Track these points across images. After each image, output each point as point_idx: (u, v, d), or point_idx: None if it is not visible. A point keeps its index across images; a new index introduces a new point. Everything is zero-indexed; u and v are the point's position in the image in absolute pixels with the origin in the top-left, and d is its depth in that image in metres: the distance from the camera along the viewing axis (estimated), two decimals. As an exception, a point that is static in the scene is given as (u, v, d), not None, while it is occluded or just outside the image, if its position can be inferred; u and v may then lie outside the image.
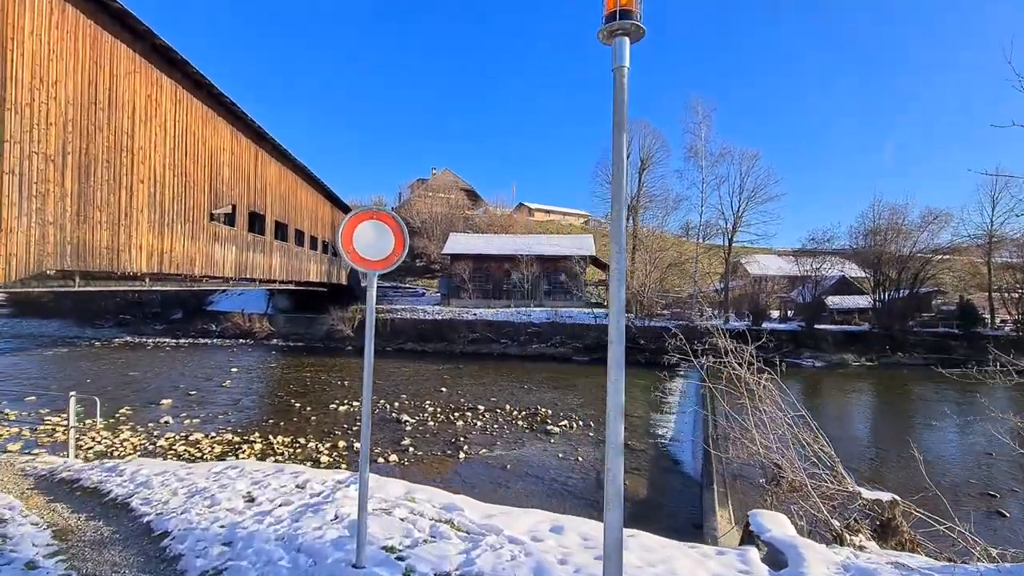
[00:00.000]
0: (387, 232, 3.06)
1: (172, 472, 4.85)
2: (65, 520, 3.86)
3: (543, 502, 8.62)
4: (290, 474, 4.66)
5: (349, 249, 3.00)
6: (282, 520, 3.56)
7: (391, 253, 3.10)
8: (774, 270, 40.00)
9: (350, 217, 3.03)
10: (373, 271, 3.09)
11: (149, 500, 4.15)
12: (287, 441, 11.53)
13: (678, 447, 12.01)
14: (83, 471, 5.10)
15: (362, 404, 2.89)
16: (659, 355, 28.49)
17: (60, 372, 20.45)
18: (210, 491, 4.24)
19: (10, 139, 7.72)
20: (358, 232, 3.01)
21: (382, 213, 3.09)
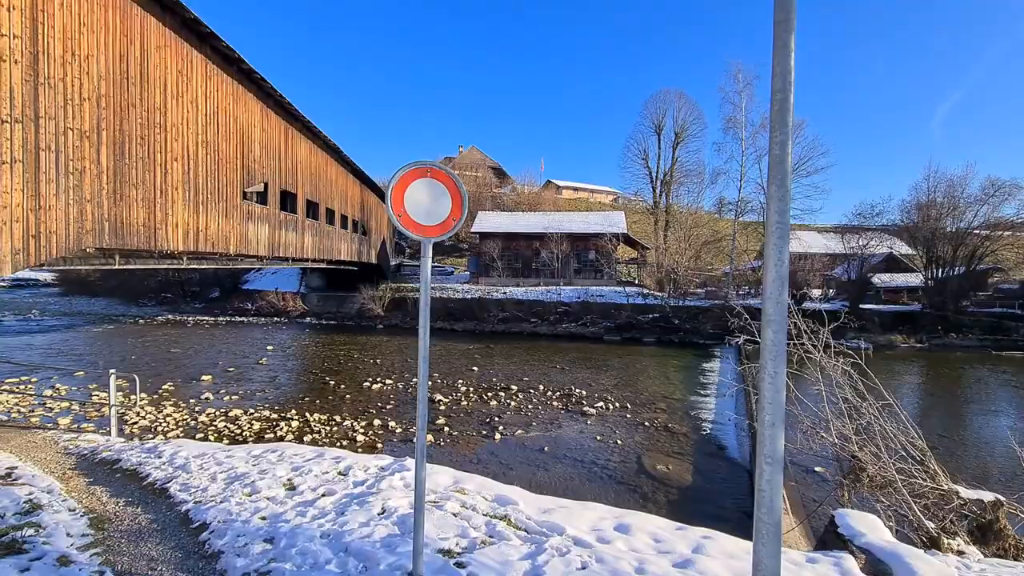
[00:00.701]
0: (443, 192, 2.65)
1: (211, 455, 4.73)
2: (103, 505, 3.75)
3: (584, 486, 8.35)
4: (331, 459, 4.46)
5: (400, 212, 2.60)
6: (326, 513, 3.33)
7: (448, 217, 2.69)
8: (815, 247, 38.27)
9: (401, 174, 2.60)
10: (428, 238, 2.70)
11: (188, 486, 4.01)
12: (323, 419, 11.55)
13: (721, 430, 11.54)
14: (123, 451, 5.04)
15: (418, 402, 2.57)
16: (694, 334, 27.67)
17: (107, 348, 21.20)
18: (250, 477, 4.08)
19: (45, 115, 7.64)
20: (411, 193, 2.60)
21: (437, 170, 2.66)
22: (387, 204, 2.53)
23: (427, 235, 2.70)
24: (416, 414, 2.67)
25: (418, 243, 40.67)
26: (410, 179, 2.62)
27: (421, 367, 2.57)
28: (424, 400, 2.56)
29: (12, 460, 4.58)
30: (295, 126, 18.03)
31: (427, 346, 2.53)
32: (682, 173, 39.75)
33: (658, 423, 11.85)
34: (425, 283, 2.55)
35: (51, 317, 31.10)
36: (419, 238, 2.69)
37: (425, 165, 2.63)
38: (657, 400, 14.12)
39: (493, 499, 3.66)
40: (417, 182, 2.62)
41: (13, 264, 7.14)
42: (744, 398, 13.88)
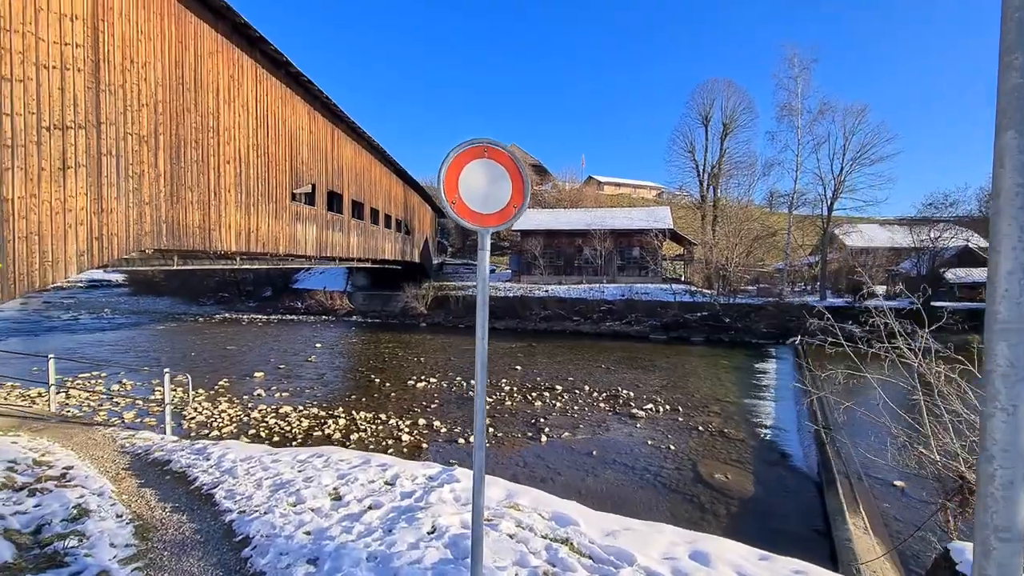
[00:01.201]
0: (502, 175, 2.33)
1: (258, 459, 4.68)
2: (150, 511, 3.73)
3: (637, 494, 7.92)
4: (377, 467, 4.29)
5: (453, 199, 2.30)
6: (373, 530, 3.13)
7: (508, 204, 2.36)
8: (878, 241, 35.79)
9: (454, 155, 2.29)
10: (485, 228, 2.36)
11: (233, 493, 3.94)
12: (369, 417, 11.60)
13: (783, 437, 10.79)
14: (174, 452, 5.09)
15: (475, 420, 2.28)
16: (746, 334, 26.38)
17: (169, 345, 22.34)
18: (295, 485, 3.95)
19: (106, 120, 7.92)
20: (466, 176, 2.29)
21: (496, 148, 2.33)
22: (439, 190, 2.28)
23: (485, 224, 2.39)
24: (472, 423, 2.40)
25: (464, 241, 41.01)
26: (465, 160, 2.31)
27: (479, 377, 2.28)
28: (482, 415, 2.27)
29: (72, 458, 4.70)
30: (340, 127, 18.32)
31: (485, 351, 2.25)
32: (731, 165, 38.10)
33: (712, 428, 11.22)
34: (483, 281, 2.26)
35: (121, 316, 33.21)
36: (475, 228, 2.39)
37: (482, 143, 2.33)
38: (710, 403, 13.43)
39: (551, 517, 3.37)
40: (473, 164, 2.32)
41: (78, 265, 7.43)
42: (807, 402, 13.00)
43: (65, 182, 7.22)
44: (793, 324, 25.16)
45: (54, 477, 4.02)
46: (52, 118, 7.00)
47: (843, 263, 31.85)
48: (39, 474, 4.06)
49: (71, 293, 52.26)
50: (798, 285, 32.20)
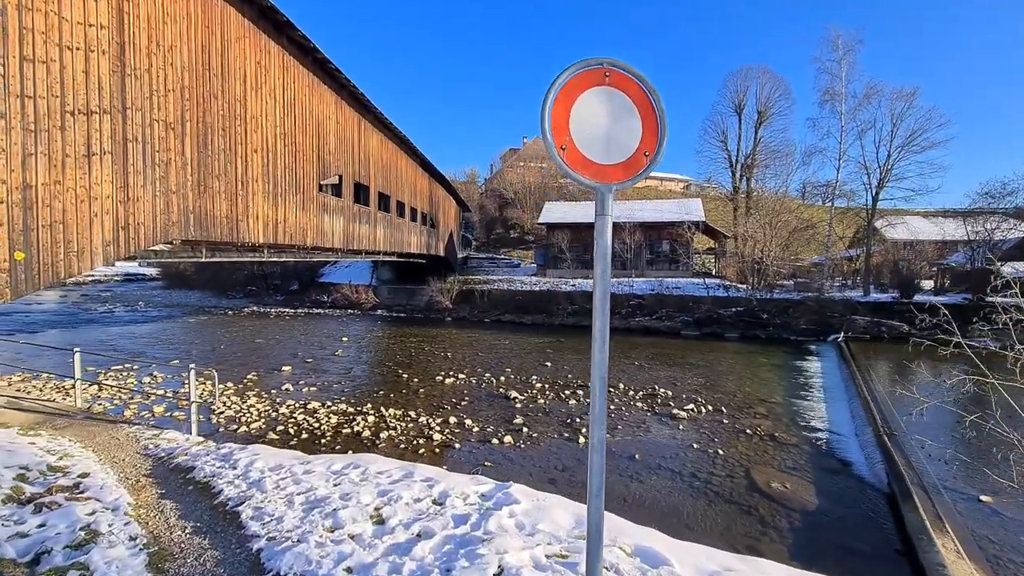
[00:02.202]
0: (629, 110, 1.71)
1: (288, 468, 4.27)
2: (168, 531, 3.35)
3: (689, 504, 7.32)
4: (421, 482, 3.83)
5: (563, 142, 1.69)
6: (427, 570, 2.64)
7: (637, 151, 1.74)
8: (924, 234, 33.98)
9: (564, 81, 1.65)
10: (607, 184, 1.76)
11: (261, 512, 3.52)
12: (398, 414, 11.24)
13: (841, 442, 10.00)
14: (199, 456, 4.74)
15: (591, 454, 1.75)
16: (784, 330, 25.17)
17: (199, 338, 22.52)
18: (331, 502, 3.52)
19: (132, 106, 7.65)
20: (580, 110, 1.67)
21: (620, 73, 1.70)
22: (543, 129, 1.68)
23: (606, 179, 1.76)
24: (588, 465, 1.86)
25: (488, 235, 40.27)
26: (578, 88, 1.68)
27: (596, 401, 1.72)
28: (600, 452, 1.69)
29: (90, 463, 4.39)
30: (367, 118, 18.01)
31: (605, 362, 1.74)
32: (766, 155, 36.63)
33: (761, 431, 10.49)
34: (604, 262, 1.70)
35: (154, 308, 33.88)
36: (593, 185, 1.77)
37: (601, 64, 1.71)
38: (754, 403, 12.66)
39: (635, 553, 2.85)
40: (590, 94, 1.69)
41: (104, 255, 7.19)
42: (861, 404, 12.13)
43: (90, 169, 6.97)
44: (835, 320, 23.97)
45: (66, 488, 3.69)
46: (76, 102, 6.73)
47: (885, 256, 30.27)
48: (51, 484, 3.74)
49: (108, 287, 53.94)
50: (837, 280, 30.77)
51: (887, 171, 25.07)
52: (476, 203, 52.98)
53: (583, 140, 1.74)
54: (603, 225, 1.73)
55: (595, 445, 1.74)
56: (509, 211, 50.50)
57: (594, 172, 1.77)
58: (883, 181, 25.29)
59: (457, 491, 3.68)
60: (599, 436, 1.73)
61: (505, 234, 50.55)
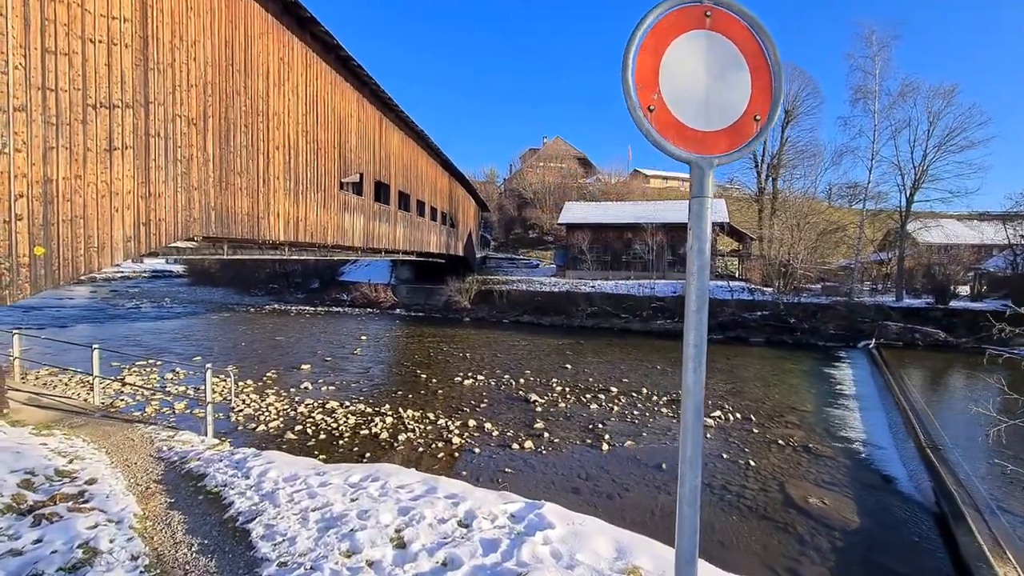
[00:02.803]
0: (735, 61, 1.39)
1: (303, 479, 4.04)
2: (173, 550, 3.15)
3: (722, 519, 6.94)
4: (445, 499, 3.56)
5: (651, 101, 1.32)
6: (455, 603, 2.41)
7: (745, 113, 1.41)
8: (960, 238, 32.63)
9: (653, 21, 1.30)
10: (707, 157, 1.40)
11: (273, 531, 3.29)
12: (416, 416, 11.05)
13: (881, 456, 9.46)
14: (212, 462, 4.56)
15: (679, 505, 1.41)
16: (811, 335, 24.36)
17: (221, 334, 22.75)
18: (348, 521, 3.27)
19: (154, 100, 7.59)
20: (673, 60, 1.32)
21: (724, 12, 1.37)
22: (625, 85, 1.32)
23: (706, 150, 1.40)
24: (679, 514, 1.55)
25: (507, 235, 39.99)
26: (672, 32, 1.33)
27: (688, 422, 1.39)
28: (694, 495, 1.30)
29: (100, 467, 4.25)
30: (389, 116, 17.91)
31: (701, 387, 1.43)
32: (793, 155, 35.62)
33: (794, 442, 10.01)
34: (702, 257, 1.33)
35: (179, 305, 34.49)
36: (688, 157, 1.39)
37: (701, 1, 1.35)
38: (784, 412, 12.14)
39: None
40: (685, 40, 1.34)
41: (124, 251, 7.12)
42: (900, 415, 11.52)
43: (112, 164, 6.90)
44: (866, 326, 23.07)
45: (71, 496, 3.52)
46: (99, 95, 6.67)
47: (918, 260, 29.10)
48: (55, 491, 3.58)
49: (136, 283, 55.24)
50: (866, 284, 29.70)
51: (923, 172, 24.06)
52: (495, 203, 52.79)
53: (677, 99, 1.38)
54: (701, 210, 1.39)
55: (686, 495, 1.39)
56: (528, 211, 50.17)
57: (690, 141, 1.40)
58: (918, 182, 24.29)
59: (484, 511, 3.39)
60: (692, 484, 1.39)
61: (524, 234, 50.26)
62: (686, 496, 1.40)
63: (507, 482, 7.87)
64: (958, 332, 21.78)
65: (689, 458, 1.38)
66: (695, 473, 1.38)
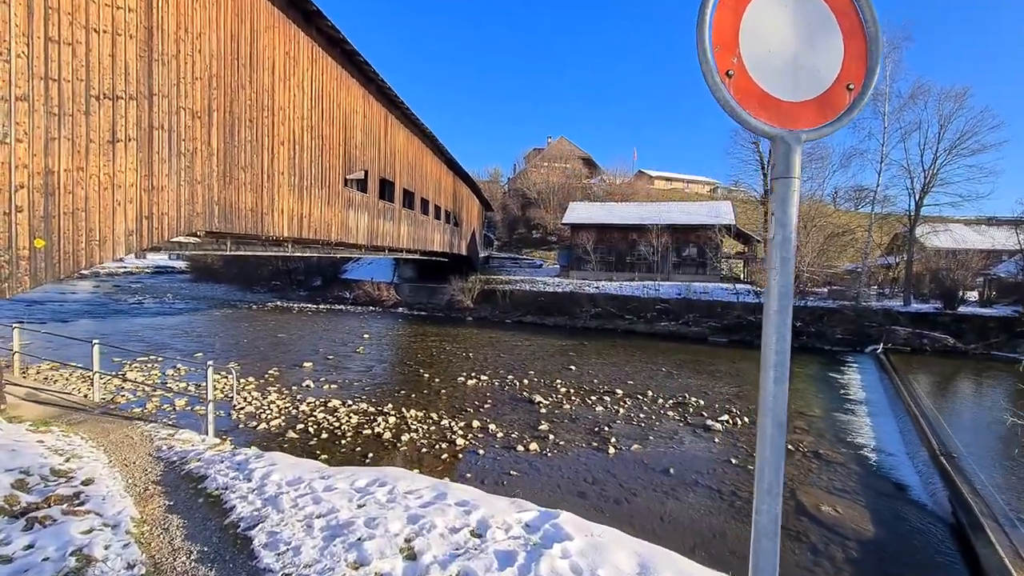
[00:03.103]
0: (824, 20, 1.19)
1: (308, 483, 3.89)
2: (171, 558, 3.00)
3: (731, 526, 6.78)
4: (456, 507, 3.40)
5: (730, 67, 1.17)
6: (472, 624, 2.27)
7: (836, 80, 1.23)
8: (968, 242, 32.33)
9: None
10: (793, 132, 1.26)
11: (276, 539, 3.14)
12: (419, 416, 10.91)
13: (892, 463, 9.28)
14: (213, 463, 4.42)
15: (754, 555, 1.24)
16: (817, 339, 24.10)
17: (224, 331, 22.66)
18: (354, 529, 3.12)
19: (158, 92, 7.47)
20: (755, 18, 1.16)
21: None
22: (701, 45, 1.15)
23: (791, 123, 1.24)
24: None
25: (511, 235, 39.88)
26: None
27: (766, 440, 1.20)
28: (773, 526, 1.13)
29: (97, 466, 4.12)
30: (394, 113, 17.78)
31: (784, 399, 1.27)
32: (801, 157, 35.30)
33: (804, 448, 9.83)
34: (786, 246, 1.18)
35: (181, 301, 34.44)
36: (772, 131, 1.26)
37: None
38: (793, 417, 11.94)
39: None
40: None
41: (126, 245, 7.00)
42: (911, 421, 11.33)
43: (115, 156, 6.78)
44: (873, 330, 22.85)
45: (66, 498, 3.38)
46: (102, 87, 6.54)
47: (926, 265, 28.83)
48: (50, 492, 3.44)
49: (139, 278, 55.27)
50: (872, 288, 29.46)
51: (933, 175, 23.81)
52: (499, 202, 52.65)
53: (759, 64, 1.21)
54: (787, 192, 1.27)
55: (764, 527, 1.21)
56: (532, 211, 50.02)
57: (774, 112, 1.24)
58: (928, 186, 24.03)
59: (498, 519, 3.24)
60: (771, 514, 1.21)
61: (527, 234, 50.10)
62: (764, 527, 1.24)
63: (512, 485, 7.74)
64: (967, 338, 21.56)
65: (767, 485, 1.23)
66: (775, 501, 1.23)
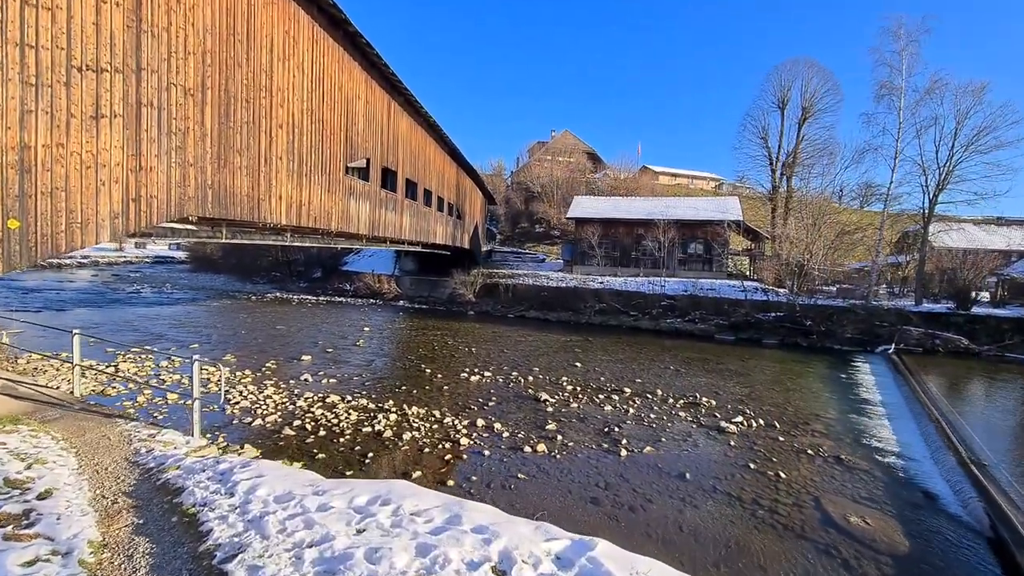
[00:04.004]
0: None
1: (299, 501, 3.42)
2: None
3: (756, 538, 6.34)
4: (473, 534, 2.95)
5: None
6: None
7: None
8: (980, 242, 31.77)
9: None
10: None
11: (259, 574, 2.71)
12: (422, 413, 10.48)
13: (919, 469, 8.84)
14: (193, 472, 3.97)
15: None
16: (827, 338, 23.56)
17: (221, 322, 22.21)
18: (354, 565, 2.64)
19: (147, 67, 6.97)
20: None
21: None
22: None
23: None
24: None
25: (513, 229, 39.54)
26: None
27: None
28: None
29: (63, 473, 3.67)
30: (397, 100, 17.25)
31: None
32: (809, 153, 34.75)
33: (824, 452, 9.39)
34: None
35: (180, 291, 34.00)
36: None
37: None
38: (809, 419, 11.52)
39: None
40: None
41: (112, 229, 6.53)
42: (934, 426, 10.88)
43: (98, 133, 6.29)
44: (884, 330, 22.38)
45: (12, 518, 2.92)
46: (85, 57, 6.05)
47: (937, 264, 28.32)
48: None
49: (138, 268, 54.84)
50: (881, 287, 28.96)
51: (948, 172, 23.24)
52: (502, 196, 52.07)
53: None
54: None
55: None
56: (535, 205, 49.45)
57: None
58: (943, 183, 23.47)
59: (523, 551, 2.78)
60: None
61: (530, 228, 49.55)
62: None
63: (521, 489, 7.31)
64: (980, 339, 21.10)
65: None
66: None
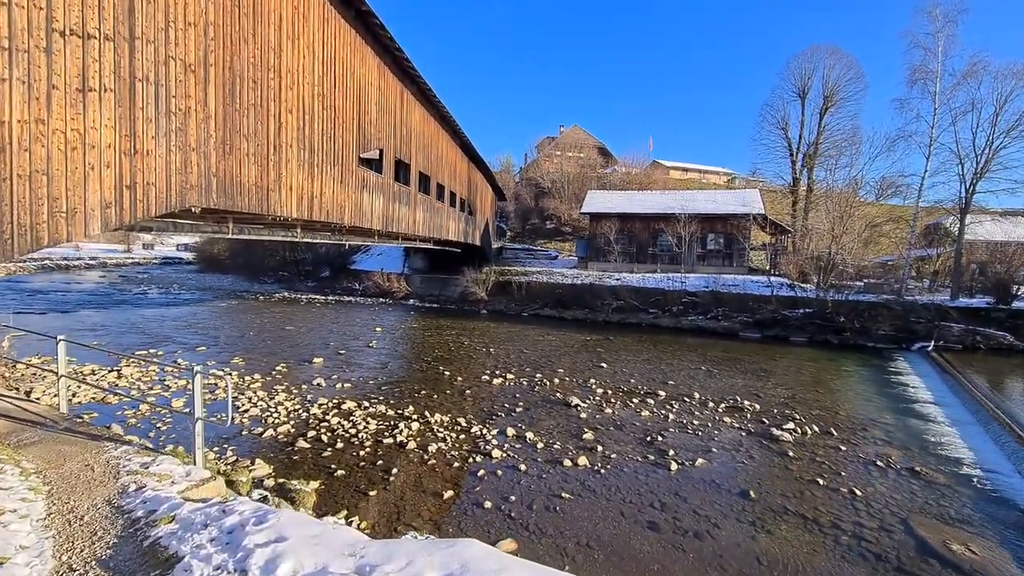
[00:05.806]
0: None
1: None
2: None
3: (848, 571, 5.42)
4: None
5: None
6: None
7: None
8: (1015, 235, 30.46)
9: None
10: None
11: None
12: (445, 421, 9.65)
13: (1006, 484, 7.88)
14: (191, 526, 3.10)
15: None
16: (860, 335, 22.33)
17: (229, 323, 21.51)
18: None
19: (142, 36, 6.15)
20: None
21: None
22: None
23: None
24: None
25: (524, 226, 38.50)
26: None
27: None
28: None
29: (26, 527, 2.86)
30: (410, 89, 16.39)
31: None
32: (831, 144, 33.55)
33: (895, 463, 8.46)
34: None
35: (187, 291, 33.41)
36: None
37: None
38: (864, 424, 10.58)
39: None
40: None
41: (103, 219, 5.72)
42: (1004, 430, 9.90)
43: (86, 108, 5.48)
44: (920, 326, 21.30)
45: None
46: (68, 20, 5.23)
47: (970, 257, 27.11)
48: None
49: (146, 269, 54.53)
50: (916, 281, 27.82)
51: (988, 159, 22.06)
52: (511, 192, 51.12)
53: None
54: None
55: None
56: (545, 201, 48.47)
57: None
58: (982, 171, 22.29)
59: None
60: None
61: (541, 225, 48.59)
62: None
63: (567, 514, 6.44)
64: (1023, 335, 20.00)
65: None
66: None
